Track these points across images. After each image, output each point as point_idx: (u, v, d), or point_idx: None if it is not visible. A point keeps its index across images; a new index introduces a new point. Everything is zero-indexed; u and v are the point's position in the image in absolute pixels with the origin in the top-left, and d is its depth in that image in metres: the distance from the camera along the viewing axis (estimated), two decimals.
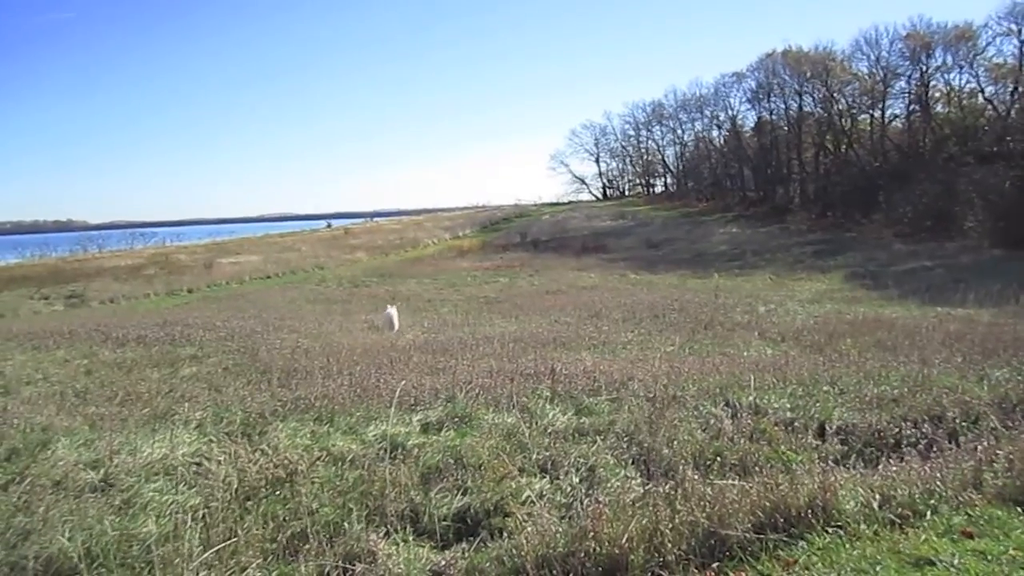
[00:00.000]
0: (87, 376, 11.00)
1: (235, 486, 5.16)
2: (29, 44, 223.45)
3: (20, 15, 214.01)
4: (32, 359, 12.76)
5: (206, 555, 4.14)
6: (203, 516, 4.65)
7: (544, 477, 5.43)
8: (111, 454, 6.06)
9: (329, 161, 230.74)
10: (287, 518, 4.76)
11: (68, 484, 5.47)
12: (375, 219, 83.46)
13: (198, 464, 5.79)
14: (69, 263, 42.09)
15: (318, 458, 5.79)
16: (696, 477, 4.90)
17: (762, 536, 4.23)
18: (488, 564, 4.21)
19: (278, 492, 5.17)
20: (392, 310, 17.17)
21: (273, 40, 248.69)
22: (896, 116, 51.23)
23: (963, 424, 6.37)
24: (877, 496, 4.60)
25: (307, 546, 4.39)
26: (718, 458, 5.62)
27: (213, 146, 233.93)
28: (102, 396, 9.18)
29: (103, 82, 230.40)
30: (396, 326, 16.62)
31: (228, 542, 4.31)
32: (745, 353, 11.34)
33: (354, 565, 4.20)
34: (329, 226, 73.49)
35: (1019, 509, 4.55)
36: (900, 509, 4.50)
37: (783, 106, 58.50)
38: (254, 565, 4.20)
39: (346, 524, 4.66)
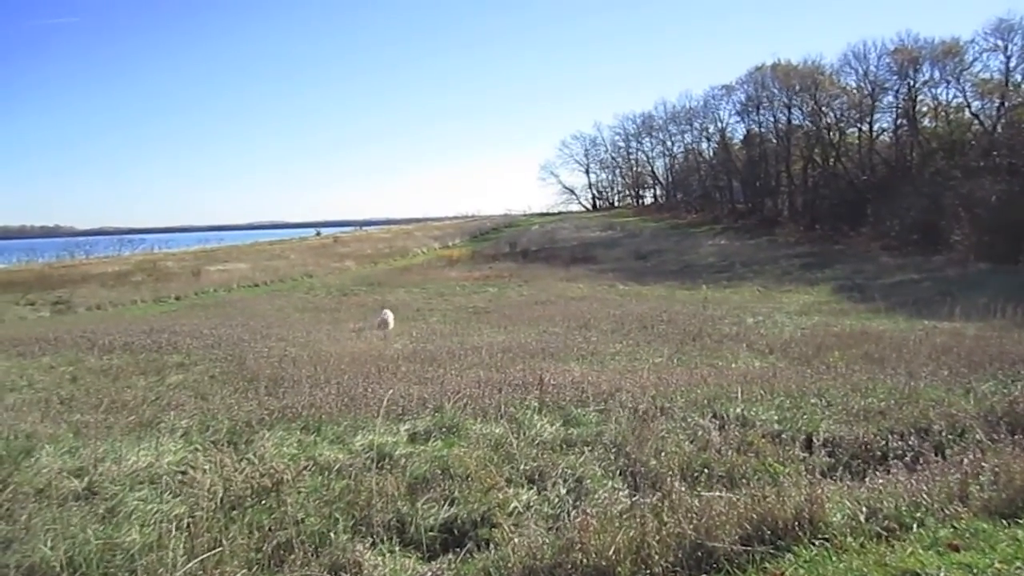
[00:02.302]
0: (72, 383, 10.93)
1: (220, 495, 5.12)
2: (24, 48, 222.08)
3: (20, 18, 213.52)
4: (17, 366, 12.67)
5: (190, 565, 4.11)
6: (188, 525, 4.62)
7: (531, 488, 5.41)
8: (95, 462, 6.01)
9: (319, 170, 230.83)
10: (272, 528, 4.73)
11: (51, 492, 5.39)
12: (364, 228, 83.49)
13: (183, 473, 5.74)
14: (56, 269, 41.87)
15: (304, 467, 5.75)
16: (683, 489, 4.89)
17: (749, 548, 4.22)
18: (474, 575, 4.20)
19: (264, 501, 5.14)
20: (387, 313, 17.59)
21: (264, 50, 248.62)
22: (884, 130, 51.63)
23: (949, 437, 6.38)
24: (864, 509, 4.60)
25: (292, 556, 4.36)
26: (705, 470, 5.61)
27: (203, 153, 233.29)
28: (87, 403, 9.12)
29: (94, 89, 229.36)
30: (391, 325, 16.91)
31: (213, 552, 4.28)
32: (733, 365, 11.36)
33: None
34: (318, 234, 73.37)
35: (1004, 522, 4.56)
36: (887, 522, 4.50)
37: (772, 119, 58.84)
38: (239, 575, 4.17)
39: (332, 534, 4.64)
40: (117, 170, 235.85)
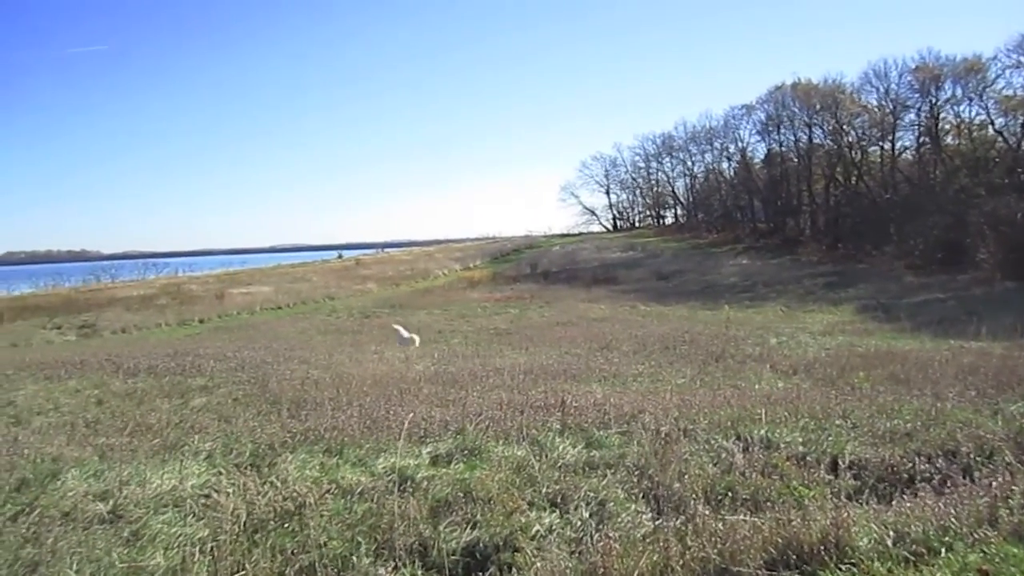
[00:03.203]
0: (98, 406, 11.00)
1: (244, 518, 5.14)
2: (51, 75, 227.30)
3: (51, 47, 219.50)
4: (44, 389, 12.77)
5: None
6: (211, 549, 4.64)
7: (554, 511, 5.37)
8: (120, 485, 6.06)
9: (341, 192, 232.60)
10: (295, 551, 4.73)
11: (77, 515, 5.46)
12: (386, 250, 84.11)
13: (207, 496, 5.76)
14: (82, 293, 42.37)
15: (327, 491, 5.75)
16: (707, 512, 4.87)
17: (774, 573, 4.17)
18: None
19: (287, 525, 5.14)
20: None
21: (285, 73, 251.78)
22: (906, 148, 51.39)
23: (977, 459, 6.26)
24: (891, 533, 4.53)
25: None
26: (729, 493, 5.57)
27: (225, 177, 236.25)
28: (112, 427, 9.16)
29: (116, 113, 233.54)
30: (416, 342, 18.48)
31: (236, 575, 4.30)
32: (756, 386, 11.27)
33: None
34: (340, 256, 74.06)
35: None
36: (915, 546, 4.43)
37: (793, 138, 58.79)
38: None
39: (354, 558, 4.63)
40: (141, 194, 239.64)
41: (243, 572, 4.34)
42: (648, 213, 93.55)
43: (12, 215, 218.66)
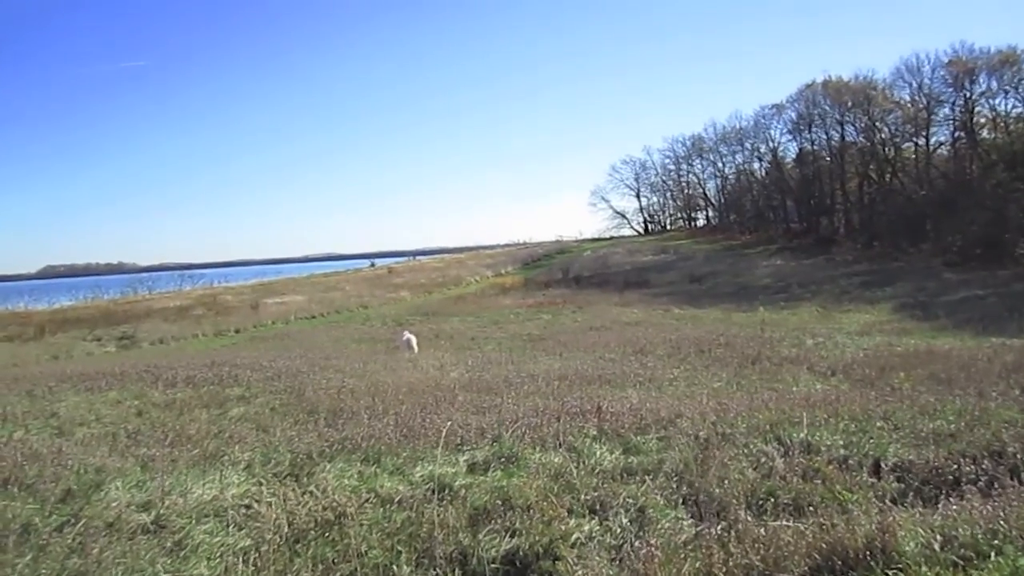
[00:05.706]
0: (138, 417, 11.13)
1: (284, 528, 5.18)
2: (94, 91, 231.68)
3: (91, 63, 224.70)
4: (85, 400, 12.94)
5: None
6: (253, 559, 4.68)
7: (593, 518, 5.33)
8: (162, 495, 6.11)
9: (372, 202, 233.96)
10: (336, 560, 4.76)
11: (121, 525, 5.51)
12: (418, 258, 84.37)
13: (248, 506, 5.80)
14: (120, 305, 43.10)
15: (366, 500, 5.78)
16: (749, 518, 4.81)
17: None
18: None
19: (327, 534, 5.17)
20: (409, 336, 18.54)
21: (318, 82, 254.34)
22: (941, 143, 50.71)
23: None
24: (938, 536, 4.43)
25: None
26: (771, 498, 5.49)
27: (259, 188, 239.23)
28: (153, 437, 9.25)
29: (155, 126, 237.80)
30: (415, 349, 18.87)
31: None
32: (794, 388, 11.16)
33: None
34: (373, 265, 74.38)
35: None
36: (963, 550, 4.33)
37: (825, 136, 58.38)
38: None
39: (395, 567, 4.64)
40: (177, 207, 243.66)
41: None
42: (679, 215, 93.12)
43: (52, 229, 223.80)
